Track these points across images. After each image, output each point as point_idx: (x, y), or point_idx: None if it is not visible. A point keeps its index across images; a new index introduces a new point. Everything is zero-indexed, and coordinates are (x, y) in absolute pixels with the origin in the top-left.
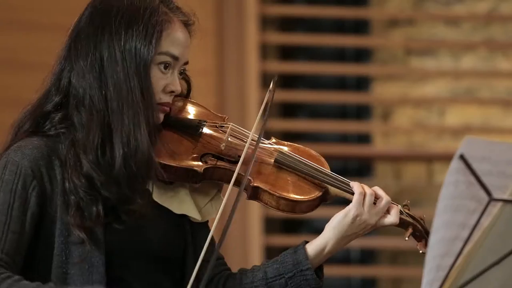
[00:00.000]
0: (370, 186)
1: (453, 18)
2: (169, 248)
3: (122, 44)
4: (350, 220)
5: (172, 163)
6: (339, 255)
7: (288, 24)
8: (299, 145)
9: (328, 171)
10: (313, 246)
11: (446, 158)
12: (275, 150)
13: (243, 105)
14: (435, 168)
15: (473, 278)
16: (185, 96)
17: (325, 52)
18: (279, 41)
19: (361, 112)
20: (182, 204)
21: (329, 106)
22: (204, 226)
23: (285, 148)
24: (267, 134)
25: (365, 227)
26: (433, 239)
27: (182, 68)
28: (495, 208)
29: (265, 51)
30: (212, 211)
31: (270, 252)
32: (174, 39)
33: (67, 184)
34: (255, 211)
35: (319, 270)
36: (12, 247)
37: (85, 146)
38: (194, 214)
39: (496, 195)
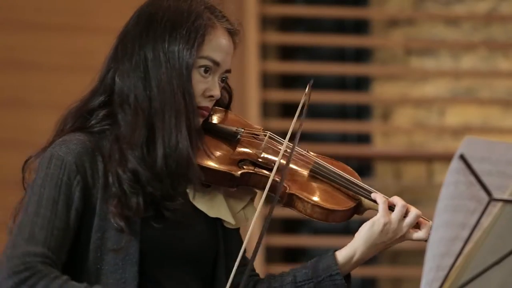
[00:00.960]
0: (371, 186)
1: (453, 18)
2: (202, 250)
3: (166, 46)
4: (380, 229)
5: (211, 166)
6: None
7: (288, 24)
8: (333, 159)
9: (361, 183)
10: (342, 254)
11: (446, 158)
12: (311, 160)
13: (243, 105)
14: (435, 168)
15: (473, 278)
16: (226, 107)
17: (325, 52)
18: (279, 41)
19: (361, 112)
20: (217, 208)
21: (329, 106)
22: (235, 233)
23: (320, 159)
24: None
25: (393, 237)
26: (433, 239)
27: (223, 76)
28: (495, 208)
29: (265, 51)
30: (243, 219)
31: (270, 252)
32: (216, 45)
33: (110, 178)
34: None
35: (347, 278)
36: (57, 244)
37: (131, 143)
38: (228, 218)
39: (496, 195)
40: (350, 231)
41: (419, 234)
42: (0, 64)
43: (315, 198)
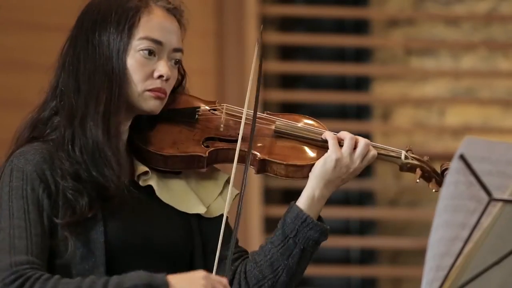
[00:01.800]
0: (371, 186)
1: (453, 18)
2: (175, 245)
3: (97, 37)
4: (332, 165)
5: (176, 153)
6: (339, 255)
7: (288, 24)
8: (293, 114)
9: (327, 131)
10: (302, 199)
11: (446, 158)
12: (272, 121)
13: (243, 105)
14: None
15: (473, 278)
16: (176, 88)
17: (325, 52)
18: (279, 41)
19: (361, 112)
20: (185, 200)
21: (329, 106)
22: (214, 220)
23: (281, 118)
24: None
25: (347, 171)
26: (433, 238)
27: (175, 57)
28: (495, 208)
29: (265, 51)
30: (223, 205)
31: None
32: (154, 24)
33: (60, 186)
34: (254, 210)
35: (319, 220)
36: (38, 249)
37: (59, 144)
38: (198, 209)
39: (496, 195)
40: (349, 230)
41: (369, 156)
42: (0, 64)
43: (286, 158)
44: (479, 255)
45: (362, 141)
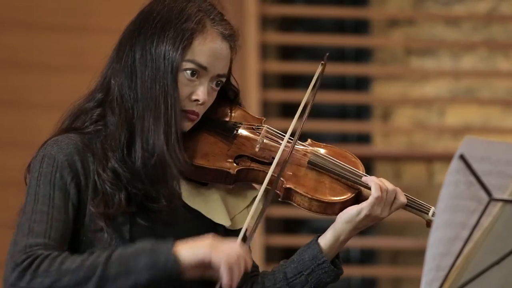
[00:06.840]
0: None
1: (453, 18)
2: None
3: (154, 47)
4: (363, 217)
5: (205, 164)
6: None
7: (288, 24)
8: (335, 147)
9: (362, 173)
10: (326, 240)
11: (446, 158)
12: (309, 151)
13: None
14: (435, 168)
15: (473, 278)
16: (231, 102)
17: (325, 52)
18: (279, 41)
19: (361, 112)
20: (213, 209)
21: (329, 106)
22: (237, 232)
23: (320, 150)
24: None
25: (375, 219)
26: (433, 238)
27: (218, 81)
28: (495, 208)
29: (265, 51)
30: (247, 218)
31: (270, 252)
32: (204, 49)
33: (95, 177)
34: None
35: (336, 259)
36: (57, 234)
37: (112, 144)
38: (223, 220)
39: (496, 195)
40: None
41: (397, 203)
42: (0, 64)
43: (312, 192)
44: (479, 255)
45: (399, 200)
